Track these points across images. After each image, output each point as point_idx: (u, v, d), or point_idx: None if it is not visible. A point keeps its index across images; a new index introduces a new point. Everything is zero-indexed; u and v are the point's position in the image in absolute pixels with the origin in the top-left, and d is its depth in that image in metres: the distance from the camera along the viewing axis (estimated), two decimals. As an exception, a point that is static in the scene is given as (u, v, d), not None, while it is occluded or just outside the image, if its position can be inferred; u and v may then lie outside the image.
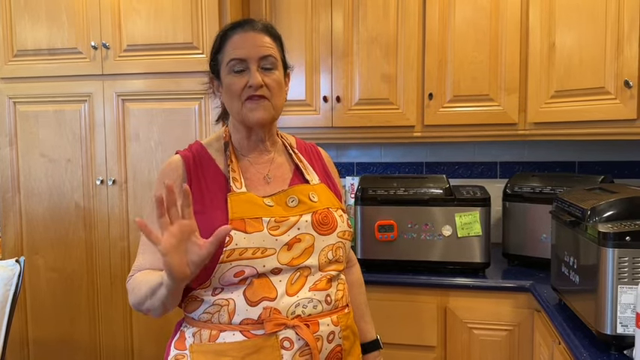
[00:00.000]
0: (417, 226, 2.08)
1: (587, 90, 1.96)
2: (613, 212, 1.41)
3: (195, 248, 1.03)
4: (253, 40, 1.24)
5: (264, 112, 1.24)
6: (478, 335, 2.00)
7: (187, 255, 1.03)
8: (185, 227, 1.02)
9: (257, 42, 1.24)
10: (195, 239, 1.04)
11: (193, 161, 1.28)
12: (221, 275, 1.16)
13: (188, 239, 1.03)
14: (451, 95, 2.27)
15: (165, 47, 2.23)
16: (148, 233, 1.00)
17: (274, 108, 1.26)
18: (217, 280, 1.17)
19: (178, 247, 1.01)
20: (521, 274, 2.06)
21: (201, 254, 1.03)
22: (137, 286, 1.18)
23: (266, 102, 1.24)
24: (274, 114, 1.27)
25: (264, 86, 1.23)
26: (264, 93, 1.23)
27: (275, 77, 1.25)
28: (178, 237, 1.01)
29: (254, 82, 1.21)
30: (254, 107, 1.23)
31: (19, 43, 2.34)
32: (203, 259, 1.03)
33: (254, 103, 1.23)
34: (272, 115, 1.27)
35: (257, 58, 1.23)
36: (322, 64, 2.38)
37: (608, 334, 1.33)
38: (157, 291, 1.09)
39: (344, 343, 1.25)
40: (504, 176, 2.58)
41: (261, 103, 1.23)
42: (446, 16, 2.25)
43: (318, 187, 1.32)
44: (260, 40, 1.24)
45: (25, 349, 2.44)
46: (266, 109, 1.24)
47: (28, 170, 2.38)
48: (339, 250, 1.28)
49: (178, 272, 1.02)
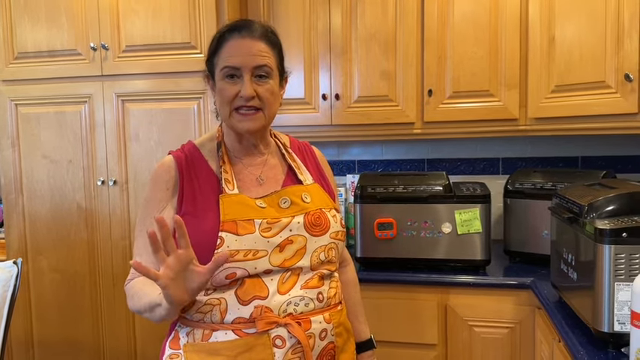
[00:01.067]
0: (417, 224, 2.07)
1: (587, 84, 1.94)
2: (611, 208, 1.39)
3: (194, 276, 1.03)
4: (249, 48, 1.21)
5: (254, 124, 1.23)
6: (479, 333, 1.98)
7: (186, 282, 1.03)
8: (182, 257, 1.02)
9: (253, 50, 1.21)
10: (193, 267, 1.03)
11: (186, 162, 1.28)
12: (212, 277, 1.15)
13: (186, 268, 1.03)
14: (451, 91, 2.26)
15: (164, 47, 2.23)
16: (145, 272, 1.00)
17: (266, 117, 1.25)
18: (209, 282, 1.17)
19: (177, 278, 1.01)
20: (522, 271, 2.04)
21: (201, 281, 1.03)
22: (136, 294, 1.19)
23: (257, 114, 1.23)
24: (265, 123, 1.26)
25: (255, 97, 1.21)
26: (255, 104, 1.22)
27: (268, 87, 1.23)
28: (176, 269, 1.01)
29: (245, 93, 1.20)
30: (242, 119, 1.23)
31: (20, 45, 2.35)
32: (202, 285, 1.04)
33: (242, 115, 1.22)
34: (263, 125, 1.26)
35: (251, 67, 1.21)
36: (321, 61, 2.37)
37: (606, 331, 1.31)
38: (156, 309, 1.10)
39: (337, 340, 1.25)
40: (507, 172, 2.56)
41: (250, 116, 1.22)
42: (445, 12, 2.24)
43: (312, 187, 1.32)
44: (256, 48, 1.22)
45: (31, 350, 2.46)
46: (256, 120, 1.23)
47: (31, 172, 2.40)
48: (331, 251, 1.28)
49: (177, 301, 1.03)
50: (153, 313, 1.12)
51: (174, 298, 1.02)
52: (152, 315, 1.12)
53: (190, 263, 1.03)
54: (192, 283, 1.03)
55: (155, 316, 1.12)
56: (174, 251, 1.01)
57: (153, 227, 1.02)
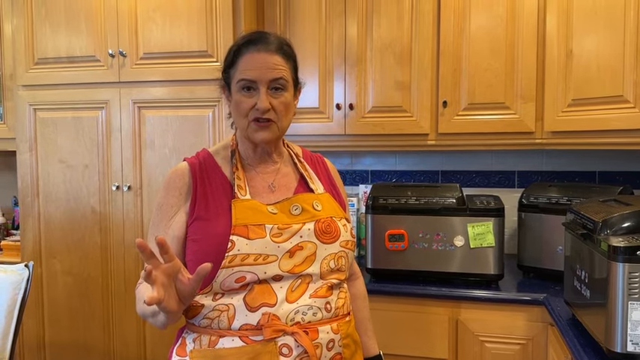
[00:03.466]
0: (429, 236, 2.05)
1: (605, 98, 1.91)
2: (626, 225, 1.36)
3: (183, 286, 1.05)
4: (265, 61, 1.24)
5: (269, 134, 1.27)
6: (490, 349, 1.95)
7: (178, 292, 1.05)
8: (169, 270, 1.03)
9: (268, 64, 1.24)
10: (181, 277, 1.05)
11: (199, 168, 1.30)
12: (222, 280, 1.17)
13: (175, 279, 1.05)
14: (466, 103, 2.24)
15: (181, 55, 2.25)
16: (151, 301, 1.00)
17: (280, 129, 1.28)
18: (219, 285, 1.18)
19: (169, 291, 1.03)
20: (535, 286, 2.01)
21: (188, 291, 1.05)
22: (142, 299, 1.20)
23: (272, 125, 1.26)
24: (279, 134, 1.30)
25: (271, 110, 1.24)
26: (270, 116, 1.25)
27: (283, 99, 1.26)
28: (166, 283, 1.03)
29: (261, 106, 1.23)
30: (259, 129, 1.26)
31: (40, 51, 2.40)
32: (191, 293, 1.06)
33: (259, 125, 1.25)
34: (277, 136, 1.29)
35: (267, 80, 1.24)
36: (336, 71, 2.37)
37: (619, 352, 1.28)
38: (157, 316, 1.11)
39: (344, 352, 1.25)
40: (522, 186, 2.53)
41: (266, 127, 1.26)
42: (461, 24, 2.23)
43: (323, 196, 1.33)
44: (272, 61, 1.24)
45: (42, 352, 2.48)
46: (271, 131, 1.27)
47: (47, 175, 2.43)
48: (341, 260, 1.28)
49: (171, 310, 1.04)
50: (155, 319, 1.13)
51: (167, 308, 1.03)
52: (155, 320, 1.14)
53: (178, 273, 1.05)
54: (182, 291, 1.05)
55: (158, 322, 1.13)
56: (159, 267, 1.03)
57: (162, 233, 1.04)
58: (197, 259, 1.20)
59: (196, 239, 1.23)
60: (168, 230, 1.26)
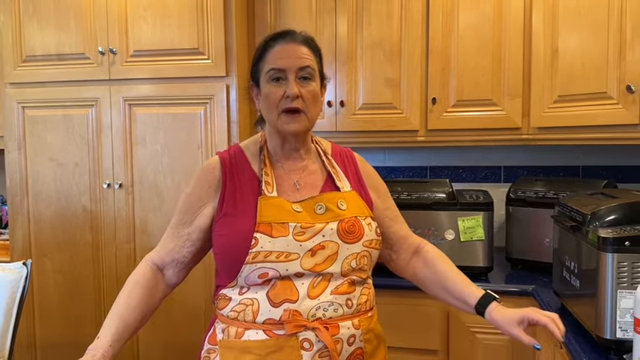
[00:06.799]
0: (420, 231, 2.09)
1: (589, 95, 1.97)
2: (613, 217, 1.42)
3: None
4: (293, 51, 1.28)
5: (299, 125, 1.29)
6: (481, 339, 2.00)
7: None
8: None
9: (297, 53, 1.28)
10: None
11: (230, 163, 1.34)
12: (246, 275, 1.22)
13: None
14: (454, 100, 2.29)
15: (171, 53, 2.26)
16: None
17: (309, 120, 1.30)
18: (243, 280, 1.23)
19: None
20: (524, 278, 2.06)
21: None
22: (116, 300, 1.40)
23: (301, 116, 1.28)
24: (309, 125, 1.32)
25: (300, 97, 1.26)
26: (299, 105, 1.27)
27: (311, 89, 1.28)
28: None
29: (291, 92, 1.25)
30: (289, 120, 1.28)
31: (28, 48, 2.37)
32: None
33: (289, 117, 1.28)
34: (306, 127, 1.31)
35: (296, 68, 1.26)
36: (326, 68, 2.38)
37: (608, 338, 1.34)
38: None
39: (365, 346, 1.27)
40: (509, 180, 2.58)
41: (296, 118, 1.28)
42: (449, 22, 2.27)
43: (349, 194, 1.34)
44: (300, 51, 1.28)
45: (33, 351, 2.46)
46: (301, 122, 1.29)
47: (37, 174, 2.41)
48: (363, 259, 1.29)
49: None
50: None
51: None
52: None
53: None
54: None
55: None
56: None
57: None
58: (223, 253, 1.26)
59: (223, 234, 1.27)
60: (194, 220, 1.32)
